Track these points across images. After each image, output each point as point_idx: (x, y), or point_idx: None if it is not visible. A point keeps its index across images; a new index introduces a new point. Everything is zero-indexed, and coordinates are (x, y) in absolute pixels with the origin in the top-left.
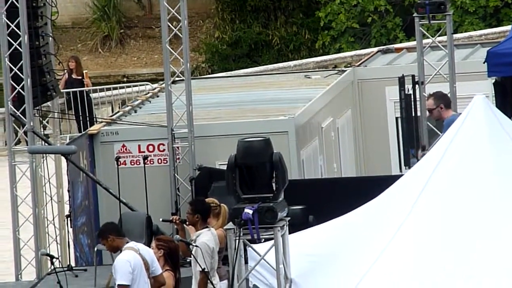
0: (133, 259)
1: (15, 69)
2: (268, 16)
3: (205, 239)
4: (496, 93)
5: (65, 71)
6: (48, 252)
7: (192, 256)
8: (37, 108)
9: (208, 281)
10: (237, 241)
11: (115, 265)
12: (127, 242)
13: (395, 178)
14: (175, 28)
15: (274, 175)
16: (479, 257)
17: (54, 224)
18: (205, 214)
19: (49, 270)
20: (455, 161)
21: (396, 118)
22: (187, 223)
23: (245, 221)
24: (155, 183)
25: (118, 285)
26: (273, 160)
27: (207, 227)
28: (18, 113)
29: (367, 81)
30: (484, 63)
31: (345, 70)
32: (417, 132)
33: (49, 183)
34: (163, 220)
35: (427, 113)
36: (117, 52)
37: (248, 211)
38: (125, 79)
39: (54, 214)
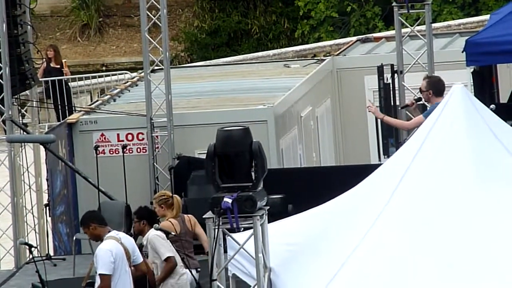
0: (115, 248)
1: None
2: (247, 5)
3: (153, 233)
4: (475, 82)
5: (44, 59)
6: (26, 241)
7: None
8: (16, 97)
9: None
10: (216, 230)
11: (96, 255)
12: (109, 231)
13: (374, 167)
14: (154, 17)
15: (253, 164)
16: (458, 245)
17: (32, 213)
18: (151, 219)
19: (28, 259)
20: (433, 151)
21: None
22: (136, 232)
23: (224, 210)
24: (134, 172)
25: (100, 274)
26: (252, 149)
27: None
28: None
29: (346, 70)
30: (462, 52)
31: (324, 59)
32: None
33: (28, 172)
34: None
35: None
36: (96, 41)
37: (227, 200)
38: (104, 68)
39: (32, 203)
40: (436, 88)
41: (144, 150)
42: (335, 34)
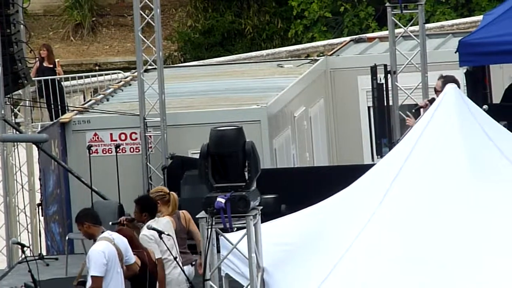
0: (108, 250)
1: None
2: (241, 5)
3: (142, 233)
4: (468, 82)
5: (37, 59)
6: (19, 240)
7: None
8: (8, 96)
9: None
10: (209, 230)
11: (89, 256)
12: (102, 231)
13: (367, 167)
14: (148, 16)
15: (246, 164)
16: (451, 245)
17: (25, 213)
18: (152, 211)
19: (20, 259)
20: (426, 151)
21: (368, 108)
22: (136, 221)
23: (218, 210)
24: (127, 172)
25: (92, 276)
26: (245, 149)
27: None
28: None
29: (340, 70)
30: (455, 52)
31: (318, 59)
32: (389, 122)
33: (20, 171)
34: (112, 224)
35: (435, 92)
36: (89, 40)
37: (221, 200)
38: (97, 68)
39: (25, 203)
40: None
41: (137, 150)
42: (328, 34)
